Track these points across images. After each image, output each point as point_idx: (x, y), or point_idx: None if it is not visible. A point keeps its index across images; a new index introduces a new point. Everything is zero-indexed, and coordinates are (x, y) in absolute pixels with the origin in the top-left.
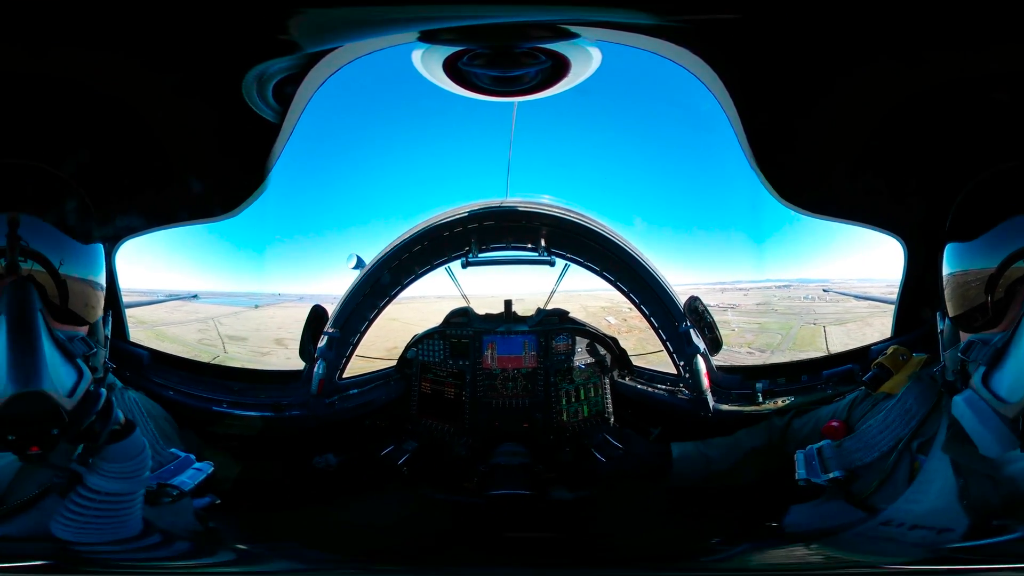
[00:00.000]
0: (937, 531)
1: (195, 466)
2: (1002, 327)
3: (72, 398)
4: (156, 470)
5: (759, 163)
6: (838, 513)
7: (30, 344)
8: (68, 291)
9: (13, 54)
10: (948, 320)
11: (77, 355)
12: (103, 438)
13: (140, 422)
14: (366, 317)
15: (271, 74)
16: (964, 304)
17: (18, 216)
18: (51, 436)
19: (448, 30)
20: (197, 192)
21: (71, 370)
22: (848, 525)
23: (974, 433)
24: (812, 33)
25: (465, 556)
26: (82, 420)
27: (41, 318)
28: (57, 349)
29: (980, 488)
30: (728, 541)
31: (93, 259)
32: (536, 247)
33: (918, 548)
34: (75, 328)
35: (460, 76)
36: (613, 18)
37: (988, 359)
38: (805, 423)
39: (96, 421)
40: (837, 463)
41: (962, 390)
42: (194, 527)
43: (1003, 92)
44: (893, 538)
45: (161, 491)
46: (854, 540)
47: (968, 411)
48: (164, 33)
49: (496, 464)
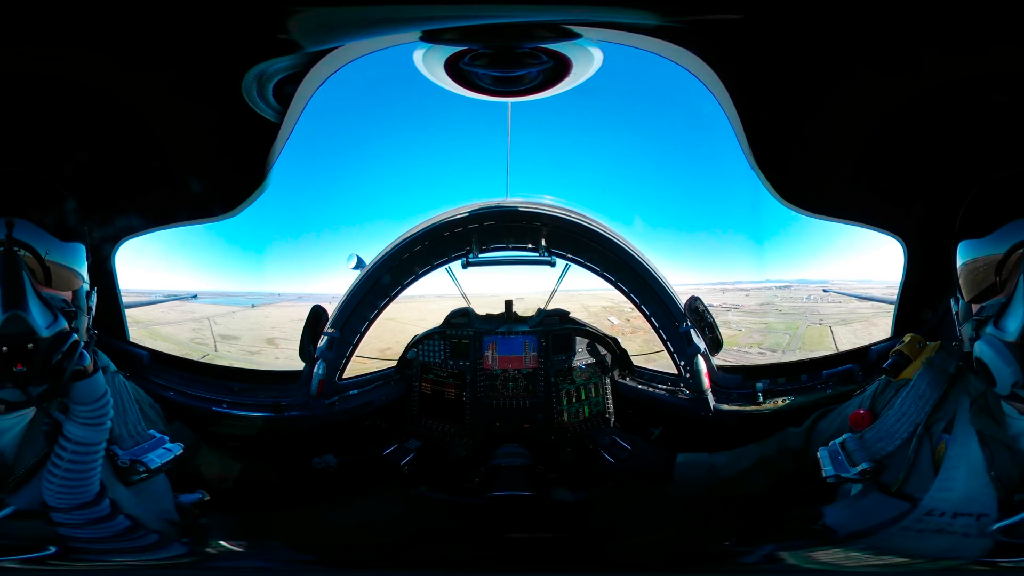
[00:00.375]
0: (976, 517)
1: (165, 446)
2: (1006, 292)
3: (47, 330)
4: (132, 447)
5: (759, 163)
6: (874, 509)
7: (16, 285)
8: (50, 268)
9: (12, 55)
10: (962, 302)
11: (55, 306)
12: (67, 375)
13: (127, 404)
14: (366, 317)
15: (271, 73)
16: (977, 286)
17: (13, 219)
18: (29, 352)
19: (450, 30)
20: (197, 192)
21: (47, 312)
22: (887, 521)
23: (993, 365)
24: (812, 34)
25: (466, 557)
26: (53, 352)
27: (26, 277)
28: (37, 297)
29: (1003, 461)
30: (736, 543)
31: (75, 250)
32: (537, 247)
33: (967, 539)
34: (55, 292)
35: (461, 76)
36: (615, 19)
37: (998, 309)
38: (831, 422)
39: (63, 358)
40: (863, 454)
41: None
42: (192, 526)
43: (1002, 94)
44: (941, 530)
45: (133, 467)
46: (896, 537)
47: (987, 348)
48: (164, 33)
49: (497, 465)
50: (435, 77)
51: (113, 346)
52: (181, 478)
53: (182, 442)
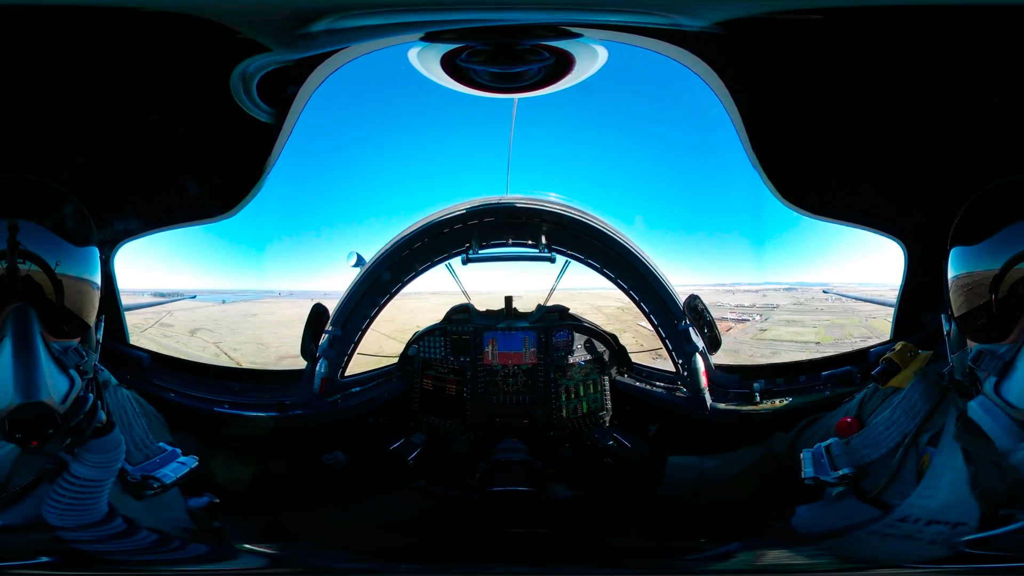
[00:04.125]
0: (952, 525)
1: (179, 460)
2: (1011, 339)
3: (64, 404)
4: (143, 463)
5: (762, 163)
6: (848, 512)
7: (30, 362)
8: (63, 300)
9: (8, 59)
10: (954, 323)
11: (70, 366)
12: (87, 434)
13: (132, 418)
14: (367, 315)
15: (269, 74)
16: (969, 305)
17: (17, 223)
18: (47, 434)
19: (453, 31)
20: (195, 193)
21: (64, 380)
22: (860, 524)
23: (992, 432)
24: (815, 36)
25: (468, 551)
26: (71, 420)
27: (39, 337)
28: (53, 362)
29: (988, 477)
30: (725, 541)
31: (87, 267)
32: (537, 244)
33: (936, 545)
34: (68, 340)
35: (460, 73)
36: (617, 20)
37: (999, 371)
38: (818, 430)
39: (83, 420)
40: (846, 460)
41: (972, 391)
42: (206, 528)
43: (1003, 97)
44: (910, 535)
45: (145, 483)
46: (866, 539)
47: (985, 415)
48: (164, 33)
49: (497, 461)
50: (433, 75)
51: (113, 349)
52: (193, 484)
53: (188, 447)
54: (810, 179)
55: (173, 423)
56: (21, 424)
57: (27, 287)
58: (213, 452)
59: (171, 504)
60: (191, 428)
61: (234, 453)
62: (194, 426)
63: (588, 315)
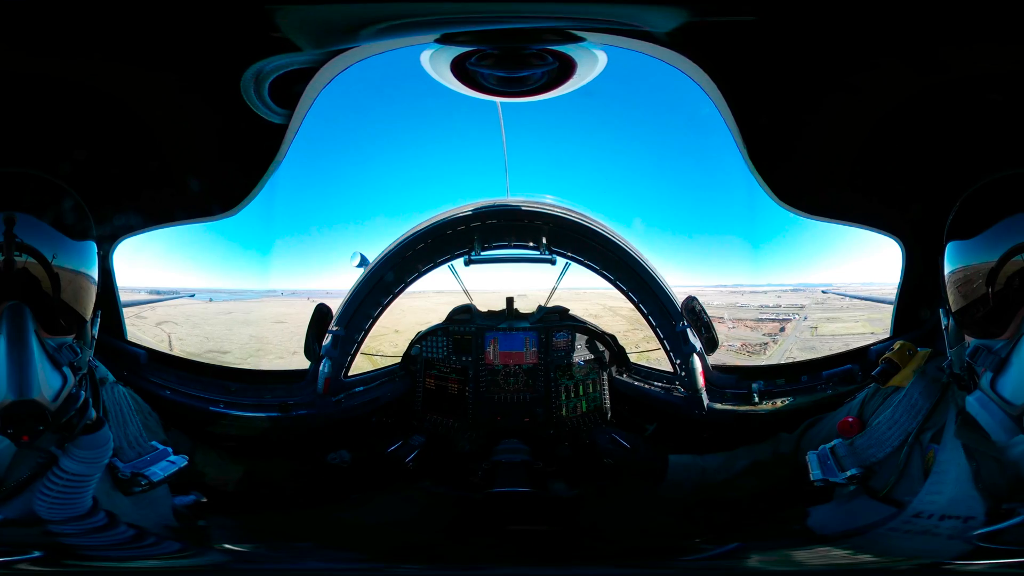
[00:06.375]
0: (963, 520)
1: (169, 458)
2: (1006, 335)
3: (56, 401)
4: (134, 460)
5: (756, 166)
6: (853, 512)
7: (25, 361)
8: (59, 294)
9: (11, 54)
10: (952, 318)
11: (63, 363)
12: (78, 430)
13: (127, 415)
14: (370, 315)
15: (278, 74)
16: (965, 300)
17: (13, 215)
18: (38, 431)
19: (464, 33)
20: (197, 191)
21: (57, 377)
22: (867, 524)
23: (988, 427)
24: (808, 37)
25: (470, 551)
26: (63, 417)
27: (34, 335)
28: (47, 359)
29: (989, 471)
30: (724, 539)
31: (84, 261)
32: (538, 246)
33: (952, 541)
34: (63, 336)
35: (466, 76)
36: (619, 21)
37: (994, 367)
38: (820, 430)
39: (74, 416)
40: (853, 460)
41: (970, 386)
42: (206, 526)
43: (998, 93)
44: (927, 532)
45: (134, 479)
46: (866, 538)
47: (981, 410)
48: (169, 31)
49: (498, 461)
50: (440, 77)
51: (111, 345)
52: (192, 484)
53: (185, 447)
54: (806, 180)
55: (168, 421)
56: (13, 421)
57: (23, 281)
58: (217, 453)
59: (162, 503)
60: (191, 426)
61: (238, 454)
62: (193, 425)
63: (603, 317)
